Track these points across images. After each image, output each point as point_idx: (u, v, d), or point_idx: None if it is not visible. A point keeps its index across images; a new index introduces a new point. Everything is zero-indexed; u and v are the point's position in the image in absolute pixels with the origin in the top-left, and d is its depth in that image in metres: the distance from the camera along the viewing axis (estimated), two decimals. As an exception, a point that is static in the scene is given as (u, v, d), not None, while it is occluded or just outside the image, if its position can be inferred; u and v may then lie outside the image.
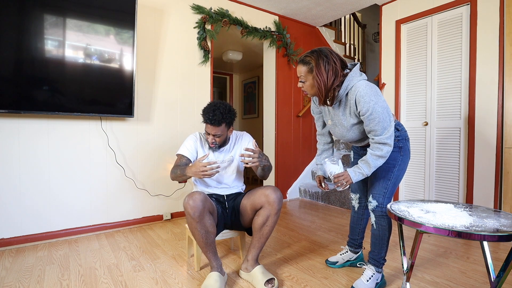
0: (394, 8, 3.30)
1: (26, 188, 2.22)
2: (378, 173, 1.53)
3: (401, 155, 1.51)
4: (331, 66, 1.37)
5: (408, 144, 1.54)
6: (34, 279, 1.69)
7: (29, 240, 2.24)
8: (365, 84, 1.37)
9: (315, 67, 1.37)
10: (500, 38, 2.50)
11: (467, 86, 2.73)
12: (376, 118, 1.34)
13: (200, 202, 1.49)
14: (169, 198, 2.89)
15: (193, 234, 1.56)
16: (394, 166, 1.51)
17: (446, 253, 2.06)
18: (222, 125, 1.66)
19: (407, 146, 1.53)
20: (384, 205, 1.52)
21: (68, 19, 2.19)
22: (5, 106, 2.02)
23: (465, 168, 2.75)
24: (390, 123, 1.37)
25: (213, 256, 1.60)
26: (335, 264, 1.85)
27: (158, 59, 2.81)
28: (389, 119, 1.36)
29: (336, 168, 1.52)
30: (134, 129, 2.69)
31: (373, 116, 1.33)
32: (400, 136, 1.51)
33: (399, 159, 1.51)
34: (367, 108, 1.34)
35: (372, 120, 1.35)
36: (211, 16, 3.02)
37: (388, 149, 1.37)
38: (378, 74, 3.96)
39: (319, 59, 1.36)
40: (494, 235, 0.96)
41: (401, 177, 1.55)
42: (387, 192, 1.51)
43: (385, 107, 1.36)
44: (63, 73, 2.20)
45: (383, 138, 1.36)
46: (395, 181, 1.52)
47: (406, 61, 3.22)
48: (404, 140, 1.52)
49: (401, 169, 1.52)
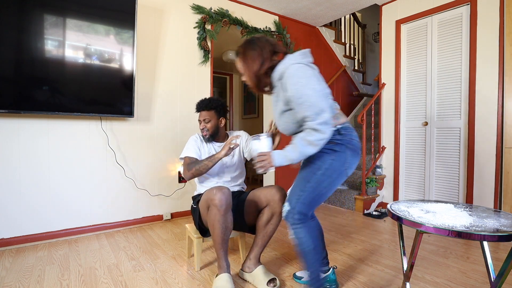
0: (394, 8, 3.30)
1: (26, 188, 2.22)
2: (301, 172, 1.37)
3: (331, 159, 1.28)
4: (257, 51, 1.29)
5: (348, 154, 1.30)
6: (34, 279, 1.69)
7: (29, 240, 2.24)
8: (297, 66, 1.22)
9: (241, 54, 1.34)
10: (500, 38, 2.50)
11: (467, 86, 2.73)
12: (305, 102, 1.18)
13: (228, 195, 1.52)
14: (169, 198, 2.89)
15: (213, 228, 1.53)
16: (319, 169, 1.28)
17: (446, 253, 2.06)
18: (211, 111, 1.80)
19: (346, 156, 1.30)
20: (296, 211, 1.29)
21: (68, 19, 2.19)
22: (5, 106, 2.02)
23: (465, 168, 2.75)
24: (326, 109, 1.18)
25: (224, 255, 1.58)
26: (300, 279, 1.65)
27: (158, 59, 2.81)
28: (324, 105, 1.18)
29: (258, 146, 1.32)
30: (134, 129, 2.69)
31: (302, 99, 1.18)
32: (340, 141, 1.30)
33: (327, 163, 1.28)
34: (295, 91, 1.19)
35: (301, 104, 1.19)
36: (211, 16, 3.02)
37: (319, 137, 1.18)
38: (378, 74, 3.96)
39: (246, 47, 1.32)
40: (494, 235, 0.96)
41: (325, 185, 1.29)
42: (303, 196, 1.29)
43: (319, 90, 1.19)
44: (63, 73, 2.20)
45: (315, 123, 1.17)
46: (316, 186, 1.28)
47: (406, 61, 3.22)
48: (344, 147, 1.29)
49: (328, 176, 1.28)
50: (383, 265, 1.87)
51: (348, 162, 1.31)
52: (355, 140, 1.33)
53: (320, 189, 1.29)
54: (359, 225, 2.74)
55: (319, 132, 1.18)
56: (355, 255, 2.03)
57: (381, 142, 3.46)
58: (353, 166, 1.34)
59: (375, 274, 1.75)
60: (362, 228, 2.65)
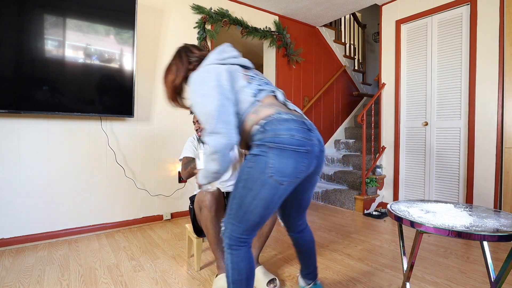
0: (394, 8, 3.30)
1: (26, 188, 2.22)
2: None
3: (249, 167, 1.00)
4: (175, 61, 1.21)
5: (272, 155, 0.97)
6: (34, 279, 1.69)
7: (29, 240, 2.24)
8: (201, 70, 1.08)
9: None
10: (500, 38, 2.50)
11: (467, 86, 2.73)
12: (197, 110, 1.05)
13: (218, 196, 1.54)
14: (169, 198, 2.89)
15: (207, 229, 1.54)
16: (240, 181, 1.03)
17: (446, 253, 2.06)
18: None
19: (267, 159, 0.97)
20: (227, 234, 1.06)
21: (68, 19, 2.19)
22: (5, 106, 2.02)
23: (465, 168, 2.75)
24: (214, 117, 0.99)
25: (222, 255, 1.58)
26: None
27: (158, 59, 2.81)
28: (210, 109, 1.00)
29: (198, 163, 1.24)
30: (134, 129, 2.69)
31: (195, 108, 1.05)
32: (260, 141, 1.00)
33: (245, 172, 1.01)
34: (190, 99, 1.08)
35: (197, 113, 1.06)
36: (211, 16, 3.02)
37: (210, 151, 1.01)
38: (378, 74, 3.96)
39: (171, 59, 1.25)
40: (494, 235, 0.96)
41: (249, 200, 1.00)
42: (231, 216, 1.05)
43: (209, 96, 1.01)
44: (63, 73, 2.20)
45: (205, 134, 1.02)
46: (240, 203, 1.01)
47: (406, 61, 3.22)
48: (265, 148, 0.98)
49: (248, 189, 0.99)
50: (383, 265, 1.87)
51: (271, 167, 0.97)
52: (283, 135, 0.98)
53: (246, 206, 1.00)
54: (359, 225, 2.74)
55: (208, 145, 1.00)
56: (355, 255, 2.03)
57: (381, 142, 3.46)
58: (287, 168, 0.97)
59: (375, 274, 1.75)
60: (362, 228, 2.65)
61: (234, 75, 1.09)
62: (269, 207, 1.01)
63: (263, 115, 1.04)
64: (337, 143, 4.36)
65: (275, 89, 1.15)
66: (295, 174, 0.99)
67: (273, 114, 1.03)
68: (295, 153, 0.98)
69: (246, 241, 1.06)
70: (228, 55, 1.13)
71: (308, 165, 1.02)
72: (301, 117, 1.08)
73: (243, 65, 1.16)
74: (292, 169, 0.98)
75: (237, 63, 1.14)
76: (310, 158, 1.02)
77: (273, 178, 0.97)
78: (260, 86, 1.10)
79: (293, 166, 0.98)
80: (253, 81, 1.11)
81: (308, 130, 1.03)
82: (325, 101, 4.36)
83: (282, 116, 1.02)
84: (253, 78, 1.13)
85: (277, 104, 1.08)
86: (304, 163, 1.00)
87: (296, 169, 0.99)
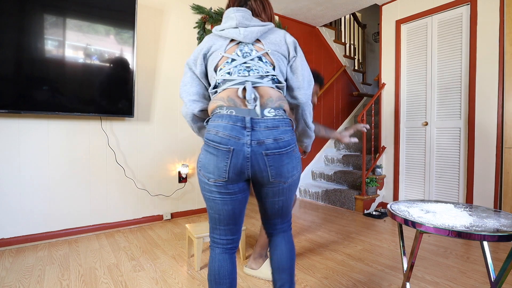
0: (394, 8, 3.30)
1: (26, 188, 2.22)
2: None
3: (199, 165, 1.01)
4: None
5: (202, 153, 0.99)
6: (34, 279, 1.69)
7: (29, 240, 2.24)
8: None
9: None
10: (500, 38, 2.50)
11: (467, 86, 2.73)
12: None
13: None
14: (169, 198, 2.89)
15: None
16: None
17: (446, 253, 2.06)
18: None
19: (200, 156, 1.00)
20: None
21: (68, 19, 2.19)
22: (5, 106, 2.02)
23: (465, 168, 2.75)
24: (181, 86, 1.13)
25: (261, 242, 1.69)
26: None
27: (158, 59, 2.81)
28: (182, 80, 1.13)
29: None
30: (134, 129, 2.69)
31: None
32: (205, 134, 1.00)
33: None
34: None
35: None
36: (211, 16, 3.02)
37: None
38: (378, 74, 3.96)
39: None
40: (494, 235, 0.96)
41: (204, 200, 1.05)
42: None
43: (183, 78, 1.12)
44: (63, 73, 2.20)
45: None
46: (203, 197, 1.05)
47: (406, 61, 3.22)
48: (203, 145, 1.00)
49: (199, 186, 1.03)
50: (383, 265, 1.87)
51: (200, 161, 0.99)
52: (210, 132, 0.96)
53: (205, 203, 1.04)
54: (359, 225, 2.74)
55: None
56: (355, 255, 2.03)
57: (381, 142, 3.46)
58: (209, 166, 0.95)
59: (375, 274, 1.75)
60: (362, 228, 2.65)
61: (214, 56, 1.05)
62: (215, 204, 0.99)
63: (209, 109, 1.04)
64: (337, 143, 4.37)
65: (249, 79, 1.00)
66: (218, 171, 0.94)
67: (215, 109, 1.00)
68: (216, 150, 0.94)
69: (218, 242, 1.03)
70: (226, 25, 1.06)
71: (231, 165, 0.93)
72: (247, 113, 0.95)
73: (234, 38, 1.04)
74: (213, 166, 0.94)
75: (230, 36, 1.04)
76: (234, 157, 0.93)
77: (201, 173, 0.98)
78: (228, 76, 1.01)
79: (214, 164, 0.94)
80: (226, 66, 1.02)
81: (243, 128, 0.93)
82: (325, 101, 4.36)
83: (220, 111, 0.97)
84: (229, 63, 1.02)
85: (227, 99, 0.99)
86: (225, 162, 0.93)
87: (217, 167, 0.94)
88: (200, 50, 1.07)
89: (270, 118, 0.95)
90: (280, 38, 1.05)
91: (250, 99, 0.94)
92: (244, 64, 1.01)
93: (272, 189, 1.01)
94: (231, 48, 1.03)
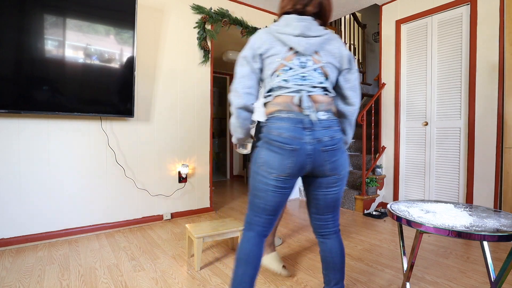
0: (394, 8, 3.30)
1: (26, 188, 2.22)
2: None
3: (253, 157, 1.15)
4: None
5: (263, 150, 1.09)
6: (34, 279, 1.69)
7: (29, 240, 2.24)
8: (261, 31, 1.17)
9: None
10: (500, 38, 2.50)
11: (467, 86, 2.73)
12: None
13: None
14: (169, 198, 2.89)
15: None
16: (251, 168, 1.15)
17: (446, 253, 2.06)
18: None
19: (259, 153, 1.10)
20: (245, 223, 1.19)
21: (68, 19, 2.19)
22: (5, 106, 2.02)
23: (465, 168, 2.75)
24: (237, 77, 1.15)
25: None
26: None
27: (158, 59, 2.81)
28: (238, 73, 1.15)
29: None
30: (134, 129, 2.69)
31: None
32: (261, 135, 1.13)
33: (251, 161, 1.15)
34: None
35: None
36: (211, 16, 3.02)
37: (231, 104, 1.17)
38: (378, 74, 3.96)
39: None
40: (494, 235, 0.96)
41: (252, 186, 1.13)
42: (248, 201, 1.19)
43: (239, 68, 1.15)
44: (63, 73, 2.20)
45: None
46: (250, 188, 1.15)
47: (406, 61, 3.22)
48: (261, 142, 1.11)
49: (252, 176, 1.13)
50: (383, 265, 1.87)
51: (259, 162, 1.09)
52: (273, 133, 1.07)
53: (251, 191, 1.14)
54: (359, 225, 2.74)
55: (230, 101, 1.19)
56: (355, 255, 2.03)
57: (381, 142, 3.46)
58: (273, 163, 1.06)
59: (375, 274, 1.75)
60: (362, 228, 2.65)
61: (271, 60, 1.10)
62: (266, 195, 1.09)
63: (268, 112, 1.14)
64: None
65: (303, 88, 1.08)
66: (282, 168, 1.06)
67: (274, 112, 1.10)
68: (281, 149, 1.05)
69: (255, 228, 1.14)
70: (287, 30, 1.08)
71: (295, 162, 1.06)
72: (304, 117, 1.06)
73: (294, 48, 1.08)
74: (278, 163, 1.06)
75: (290, 44, 1.07)
76: (298, 155, 1.05)
77: (262, 168, 1.08)
78: (284, 83, 1.09)
79: (278, 161, 1.06)
80: (283, 73, 1.09)
81: (303, 129, 1.05)
82: (325, 101, 4.36)
83: (280, 115, 1.08)
84: (286, 71, 1.09)
85: (285, 105, 1.08)
86: (290, 159, 1.05)
87: (282, 164, 1.06)
88: (257, 49, 1.11)
89: (324, 119, 1.08)
90: (336, 50, 1.12)
91: (307, 107, 1.06)
92: (301, 73, 1.09)
93: (327, 180, 1.13)
94: (289, 56, 1.09)
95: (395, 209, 1.29)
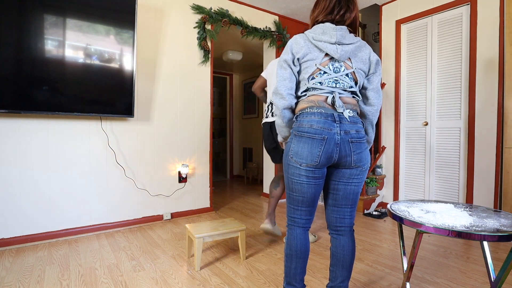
0: (394, 8, 3.29)
1: (26, 188, 2.22)
2: None
3: (285, 151, 1.26)
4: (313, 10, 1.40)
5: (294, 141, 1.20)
6: (34, 279, 1.69)
7: (29, 240, 2.24)
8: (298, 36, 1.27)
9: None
10: (500, 38, 2.50)
11: (467, 86, 2.73)
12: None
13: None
14: (169, 198, 2.89)
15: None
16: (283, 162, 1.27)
17: (446, 253, 2.06)
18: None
19: (291, 144, 1.21)
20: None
21: (68, 19, 2.19)
22: (5, 106, 2.02)
23: (465, 168, 2.75)
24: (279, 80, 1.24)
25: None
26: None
27: (158, 59, 2.81)
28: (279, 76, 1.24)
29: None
30: (134, 129, 2.69)
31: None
32: (292, 129, 1.24)
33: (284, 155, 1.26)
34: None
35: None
36: (211, 16, 3.02)
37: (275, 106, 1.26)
38: (378, 74, 3.94)
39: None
40: (494, 235, 0.96)
41: (286, 180, 1.24)
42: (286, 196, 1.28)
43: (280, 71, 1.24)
44: (63, 73, 2.20)
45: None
46: (287, 185, 1.25)
47: (406, 61, 3.22)
48: (293, 135, 1.22)
49: (285, 170, 1.24)
50: (383, 265, 1.87)
51: (291, 153, 1.19)
52: (303, 125, 1.17)
53: (287, 185, 1.24)
54: (359, 225, 2.74)
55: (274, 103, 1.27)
56: (355, 255, 2.03)
57: (381, 142, 3.46)
58: (302, 153, 1.16)
59: (375, 274, 1.75)
60: (362, 228, 2.65)
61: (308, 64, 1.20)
62: (301, 187, 1.19)
63: (299, 108, 1.23)
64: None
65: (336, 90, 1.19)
66: (311, 157, 1.15)
67: (305, 108, 1.20)
68: (311, 140, 1.15)
69: (298, 222, 1.25)
70: (324, 38, 1.18)
71: (324, 151, 1.15)
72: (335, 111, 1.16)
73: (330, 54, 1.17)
74: (307, 152, 1.15)
75: (327, 51, 1.17)
76: (327, 144, 1.14)
77: (293, 159, 1.18)
78: (319, 85, 1.19)
79: (308, 150, 1.15)
80: (319, 77, 1.19)
81: (333, 121, 1.15)
82: (325, 101, 4.36)
83: (312, 110, 1.19)
84: (321, 74, 1.19)
85: (317, 102, 1.18)
86: (319, 148, 1.15)
87: (311, 152, 1.15)
88: (296, 53, 1.20)
89: (351, 116, 1.18)
90: (366, 56, 1.23)
91: (338, 105, 1.16)
92: (334, 77, 1.19)
93: (350, 171, 1.20)
94: (325, 61, 1.19)
95: (395, 209, 1.29)
